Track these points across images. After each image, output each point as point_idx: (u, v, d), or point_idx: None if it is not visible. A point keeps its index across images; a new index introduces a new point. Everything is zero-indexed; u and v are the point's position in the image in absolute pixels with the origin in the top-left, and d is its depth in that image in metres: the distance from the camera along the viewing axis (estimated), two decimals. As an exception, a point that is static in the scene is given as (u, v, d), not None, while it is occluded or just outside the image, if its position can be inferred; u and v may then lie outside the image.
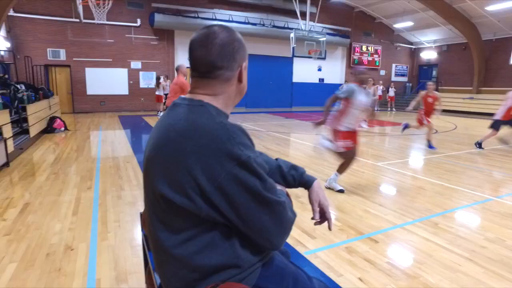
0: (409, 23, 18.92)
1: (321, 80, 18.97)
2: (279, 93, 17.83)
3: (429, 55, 21.23)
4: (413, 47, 21.91)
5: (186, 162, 0.89)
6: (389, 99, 19.01)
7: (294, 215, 1.08)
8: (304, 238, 2.90)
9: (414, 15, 17.81)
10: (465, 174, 5.32)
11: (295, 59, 17.32)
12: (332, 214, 3.52)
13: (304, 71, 18.35)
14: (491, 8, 15.15)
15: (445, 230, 3.15)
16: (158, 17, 14.10)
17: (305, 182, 1.34)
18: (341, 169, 4.26)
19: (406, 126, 7.68)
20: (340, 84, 19.23)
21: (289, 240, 2.83)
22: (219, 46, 0.98)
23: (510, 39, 16.17)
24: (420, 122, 7.39)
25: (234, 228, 0.95)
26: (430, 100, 7.25)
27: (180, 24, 14.45)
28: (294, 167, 1.35)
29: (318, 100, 18.81)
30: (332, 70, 19.26)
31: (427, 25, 18.64)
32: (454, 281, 2.32)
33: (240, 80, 1.06)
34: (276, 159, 1.36)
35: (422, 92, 7.38)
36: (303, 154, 6.65)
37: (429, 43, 20.95)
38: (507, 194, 4.37)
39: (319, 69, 18.66)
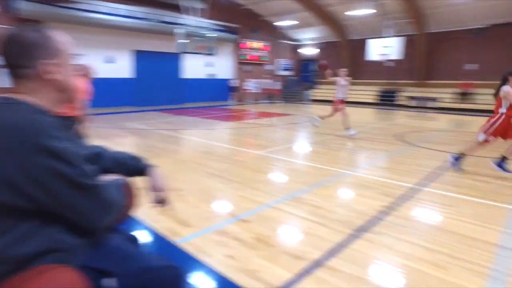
0: (292, 22, 20.57)
1: (212, 75, 19.19)
2: (169, 90, 17.36)
3: (309, 51, 23.52)
4: (296, 43, 23.92)
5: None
6: (275, 92, 20.71)
7: (117, 197, 1.16)
8: (179, 227, 2.98)
9: (296, 15, 19.41)
10: (332, 154, 6.15)
11: (185, 55, 17.10)
12: (208, 201, 3.69)
13: (195, 67, 18.26)
14: (350, 13, 17.59)
15: (307, 203, 3.62)
16: (22, 5, 12.16)
17: (142, 169, 1.43)
18: None
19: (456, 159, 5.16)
20: (229, 79, 19.81)
21: (163, 230, 2.87)
22: (19, 47, 1.04)
23: (364, 40, 18.94)
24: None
25: (55, 214, 1.00)
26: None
27: (52, 15, 12.74)
28: (132, 158, 1.45)
29: (209, 96, 18.94)
30: (223, 65, 19.67)
31: (307, 24, 20.55)
32: (308, 243, 2.72)
33: (47, 77, 1.08)
34: (118, 152, 1.43)
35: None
36: (190, 150, 6.72)
37: (309, 40, 23.21)
38: (361, 168, 5.24)
39: (209, 65, 18.83)
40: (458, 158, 5.05)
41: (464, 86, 16.10)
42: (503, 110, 4.72)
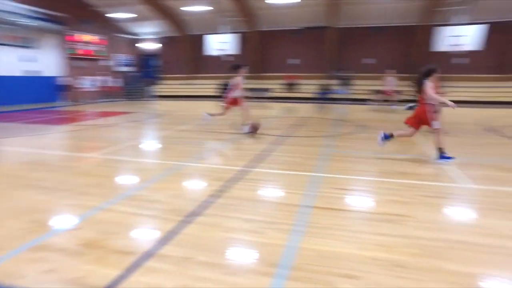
0: (128, 15, 19.38)
1: (34, 72, 16.25)
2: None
3: (151, 45, 22.79)
4: (135, 37, 22.75)
5: None
6: (115, 90, 19.44)
7: None
8: (-18, 254, 2.53)
9: (131, 7, 18.34)
10: (171, 149, 6.26)
11: (-8, 47, 13.89)
12: (22, 217, 3.24)
13: (7, 62, 15.04)
14: (186, 8, 17.94)
15: (141, 199, 3.62)
16: None
17: None
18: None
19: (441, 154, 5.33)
20: (58, 76, 17.30)
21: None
22: None
23: (204, 36, 19.77)
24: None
25: None
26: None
27: None
28: None
29: (33, 97, 15.91)
30: (48, 61, 16.96)
31: (145, 18, 19.75)
32: (139, 237, 2.76)
33: None
34: None
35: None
36: (5, 162, 5.64)
37: (150, 35, 22.44)
38: (197, 158, 5.53)
39: (29, 60, 15.90)
40: (442, 152, 5.22)
41: (289, 78, 18.83)
42: (428, 101, 5.15)
